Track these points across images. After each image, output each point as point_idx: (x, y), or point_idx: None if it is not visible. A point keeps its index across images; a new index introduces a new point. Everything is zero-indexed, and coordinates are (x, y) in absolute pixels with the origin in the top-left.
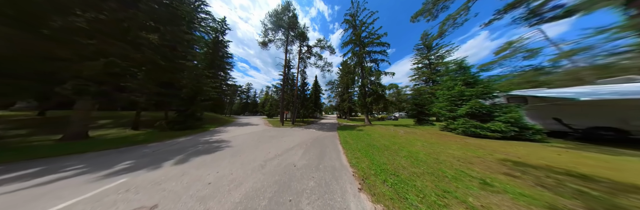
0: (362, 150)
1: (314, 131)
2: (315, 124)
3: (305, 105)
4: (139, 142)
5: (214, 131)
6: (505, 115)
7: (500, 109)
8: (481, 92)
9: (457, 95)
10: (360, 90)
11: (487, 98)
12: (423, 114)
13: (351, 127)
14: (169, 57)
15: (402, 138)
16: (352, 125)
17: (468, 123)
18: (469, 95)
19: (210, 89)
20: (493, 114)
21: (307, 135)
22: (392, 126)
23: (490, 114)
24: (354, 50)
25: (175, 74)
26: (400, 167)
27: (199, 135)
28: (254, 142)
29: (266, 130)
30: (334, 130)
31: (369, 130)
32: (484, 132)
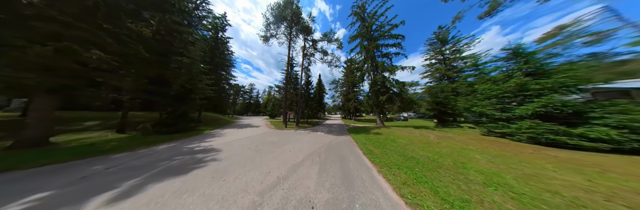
0: (403, 167)
1: (323, 135)
2: (321, 126)
3: (309, 105)
4: (105, 151)
5: (208, 135)
6: (615, 117)
7: (603, 108)
8: (562, 84)
9: (513, 89)
10: (371, 88)
11: (565, 92)
12: (446, 114)
13: (363, 129)
14: (158, 49)
15: (442, 146)
16: (363, 126)
17: (540, 127)
18: (538, 89)
19: (206, 86)
20: (586, 115)
21: (315, 140)
22: (411, 128)
23: (579, 115)
24: (363, 44)
25: (166, 70)
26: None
27: (186, 140)
28: (250, 153)
29: (267, 134)
30: (345, 132)
31: (388, 134)
32: (573, 140)
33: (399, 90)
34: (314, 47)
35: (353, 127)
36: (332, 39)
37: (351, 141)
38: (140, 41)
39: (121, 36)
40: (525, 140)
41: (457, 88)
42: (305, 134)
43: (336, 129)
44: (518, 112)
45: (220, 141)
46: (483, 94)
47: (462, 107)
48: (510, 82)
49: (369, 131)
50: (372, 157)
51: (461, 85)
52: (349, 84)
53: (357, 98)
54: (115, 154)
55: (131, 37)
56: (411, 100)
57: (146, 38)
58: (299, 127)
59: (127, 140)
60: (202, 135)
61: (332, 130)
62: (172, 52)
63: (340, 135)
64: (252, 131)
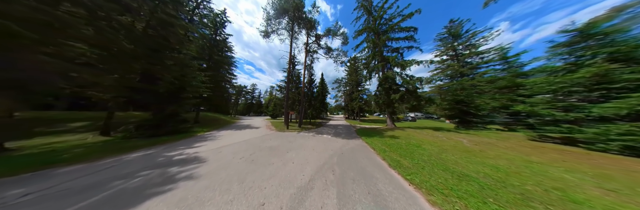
0: (464, 195)
1: (330, 138)
2: (325, 127)
3: (312, 105)
4: (57, 162)
5: (200, 138)
6: None
7: None
8: None
9: (587, 81)
10: (381, 86)
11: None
12: (468, 114)
13: (374, 131)
14: (148, 43)
15: (490, 156)
16: (371, 128)
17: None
18: (636, 79)
19: (200, 83)
20: None
21: (323, 145)
22: (429, 130)
23: None
24: (370, 38)
25: (155, 66)
26: None
27: (171, 145)
28: (242, 165)
29: (266, 137)
30: (354, 135)
31: (406, 137)
32: None
33: (414, 87)
34: (318, 43)
35: (361, 129)
36: (337, 33)
37: (366, 147)
38: (128, 34)
39: (100, 25)
40: (615, 150)
41: (475, 85)
42: (310, 137)
43: (343, 131)
44: (597, 111)
45: (210, 146)
46: (531, 89)
47: (489, 106)
48: (581, 72)
49: (381, 134)
50: (405, 172)
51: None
52: (353, 83)
53: (362, 97)
54: (69, 166)
55: (115, 28)
56: (429, 98)
57: (132, 29)
58: (301, 128)
59: (100, 146)
60: (193, 138)
61: (340, 133)
62: (164, 46)
63: (349, 138)
64: (251, 133)
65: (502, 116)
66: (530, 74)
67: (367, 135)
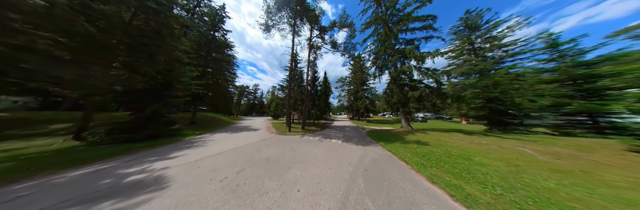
0: None
1: (341, 144)
2: (331, 129)
3: (317, 105)
4: None
5: (183, 144)
6: None
7: None
8: None
9: None
10: (394, 82)
11: None
12: (505, 114)
13: (389, 133)
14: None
15: (602, 179)
16: (384, 130)
17: None
18: None
19: (189, 80)
20: None
21: (336, 157)
22: (460, 133)
23: None
24: (378, 31)
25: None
26: None
27: (137, 157)
28: (218, 198)
29: (264, 143)
30: (369, 140)
31: (441, 145)
32: None
33: (438, 83)
34: (322, 37)
35: (373, 131)
36: (344, 23)
37: (394, 159)
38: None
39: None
40: None
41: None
42: (316, 142)
43: (354, 134)
44: None
45: (190, 157)
46: (625, 79)
47: (537, 104)
48: None
49: (401, 138)
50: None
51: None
52: (357, 82)
53: (367, 97)
54: None
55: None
56: (458, 96)
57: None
58: (305, 130)
59: (48, 156)
60: (176, 144)
61: (350, 136)
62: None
63: (364, 144)
64: (247, 137)
65: (553, 117)
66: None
67: (384, 140)
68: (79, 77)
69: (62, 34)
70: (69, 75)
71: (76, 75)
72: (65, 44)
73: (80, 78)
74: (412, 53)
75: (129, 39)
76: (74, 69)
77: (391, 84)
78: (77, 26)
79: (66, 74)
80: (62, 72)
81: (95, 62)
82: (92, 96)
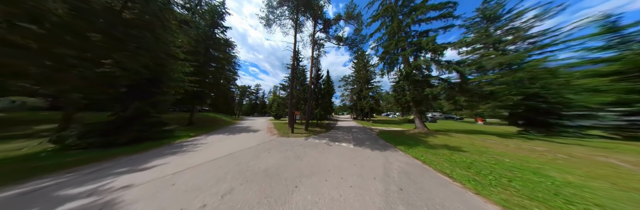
0: None
1: (354, 149)
2: (337, 130)
3: (321, 104)
4: None
5: (169, 149)
6: None
7: None
8: None
9: None
10: (408, 79)
11: None
12: (546, 113)
13: (403, 135)
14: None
15: None
16: (395, 131)
17: None
18: None
19: (182, 76)
20: None
21: (352, 167)
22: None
23: None
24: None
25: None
26: None
27: (105, 167)
28: None
29: (264, 148)
30: (383, 143)
31: (480, 151)
32: None
33: (463, 78)
34: (326, 31)
35: (383, 132)
36: (352, 15)
37: (430, 171)
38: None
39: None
40: None
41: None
42: (324, 146)
43: (364, 136)
44: None
45: (166, 169)
46: None
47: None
48: None
49: (422, 141)
50: None
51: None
52: (361, 80)
53: (372, 96)
54: None
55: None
56: (491, 92)
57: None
58: (309, 132)
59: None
60: (161, 149)
61: (360, 139)
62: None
63: (381, 148)
64: (245, 140)
65: (614, 117)
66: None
67: (403, 144)
68: (48, 71)
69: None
70: (35, 68)
71: (44, 68)
72: (26, 29)
73: (50, 72)
74: (430, 44)
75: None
76: (42, 61)
77: (402, 81)
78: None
79: (30, 66)
80: (24, 63)
81: (72, 55)
82: (68, 93)
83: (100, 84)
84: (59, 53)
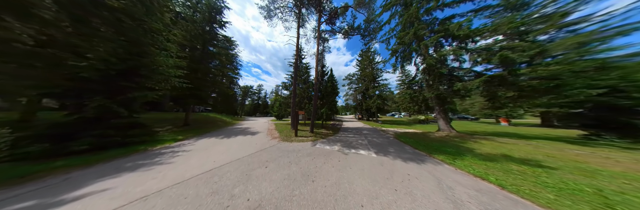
0: None
1: (380, 160)
2: (346, 132)
3: (327, 103)
4: None
5: (132, 161)
6: None
7: None
8: None
9: None
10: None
11: None
12: (629, 113)
13: (433, 140)
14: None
15: None
16: (417, 134)
17: None
18: None
19: (169, 69)
20: None
21: (399, 201)
22: (559, 143)
23: None
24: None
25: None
26: None
27: (9, 190)
28: None
29: (261, 159)
30: (413, 151)
31: (577, 166)
32: None
33: (510, 68)
34: (332, 22)
35: (401, 135)
36: (364, 1)
37: (530, 208)
38: None
39: None
40: None
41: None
42: (339, 156)
43: (381, 140)
44: None
45: (98, 203)
46: None
47: None
48: None
49: (465, 149)
50: None
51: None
52: (367, 79)
53: (380, 95)
54: None
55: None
56: (557, 85)
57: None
58: (315, 134)
59: None
60: (125, 159)
61: (379, 144)
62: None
63: (415, 159)
64: (239, 146)
65: None
66: None
67: (439, 152)
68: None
69: None
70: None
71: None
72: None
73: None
74: (463, 29)
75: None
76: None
77: (422, 75)
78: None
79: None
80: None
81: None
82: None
83: (54, 74)
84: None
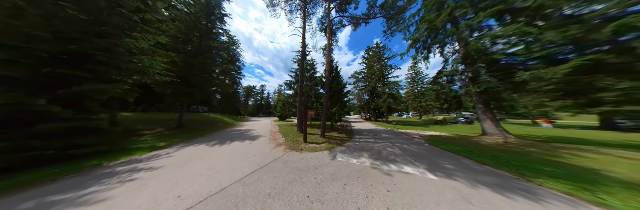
0: None
1: (451, 188)
2: (362, 135)
3: (339, 101)
4: None
5: (48, 192)
6: None
7: None
8: None
9: None
10: (468, 62)
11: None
12: None
13: (499, 150)
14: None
15: None
16: (455, 139)
17: None
18: None
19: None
20: None
21: None
22: None
23: None
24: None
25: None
26: None
27: None
28: None
29: (255, 191)
30: (490, 170)
31: None
32: None
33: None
34: (343, 9)
35: (435, 140)
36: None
37: None
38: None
39: None
40: None
41: None
42: (377, 177)
43: (417, 149)
44: None
45: None
46: None
47: None
48: None
49: (582, 169)
50: None
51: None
52: (375, 76)
53: (392, 93)
54: None
55: None
56: None
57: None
58: (327, 140)
59: None
60: (49, 187)
61: (418, 154)
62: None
63: (518, 191)
64: (231, 160)
65: None
66: None
67: (541, 173)
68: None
69: None
70: None
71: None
72: None
73: None
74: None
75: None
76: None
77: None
78: None
79: None
80: None
81: None
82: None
83: None
84: None
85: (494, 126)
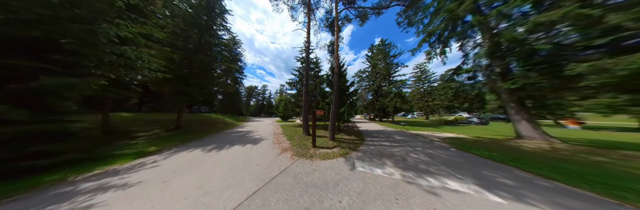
0: None
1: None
2: (374, 138)
3: (348, 101)
4: None
5: None
6: None
7: None
8: None
9: None
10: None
11: None
12: None
13: (553, 158)
14: None
15: None
16: (480, 142)
17: None
18: None
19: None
20: None
21: None
22: None
23: None
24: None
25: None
26: None
27: None
28: None
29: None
30: (559, 188)
31: None
32: None
33: None
34: (349, 1)
35: (460, 143)
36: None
37: None
38: None
39: None
40: None
41: None
42: (427, 200)
43: (446, 155)
44: None
45: None
46: None
47: None
48: None
49: None
50: None
51: None
52: (380, 75)
53: (399, 92)
54: None
55: None
56: None
57: None
58: (338, 144)
59: None
60: None
61: (454, 163)
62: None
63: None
64: (225, 176)
65: None
66: None
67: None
68: None
69: None
70: None
71: None
72: None
73: None
74: None
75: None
76: None
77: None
78: None
79: None
80: None
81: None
82: None
83: None
84: None
85: (531, 128)
